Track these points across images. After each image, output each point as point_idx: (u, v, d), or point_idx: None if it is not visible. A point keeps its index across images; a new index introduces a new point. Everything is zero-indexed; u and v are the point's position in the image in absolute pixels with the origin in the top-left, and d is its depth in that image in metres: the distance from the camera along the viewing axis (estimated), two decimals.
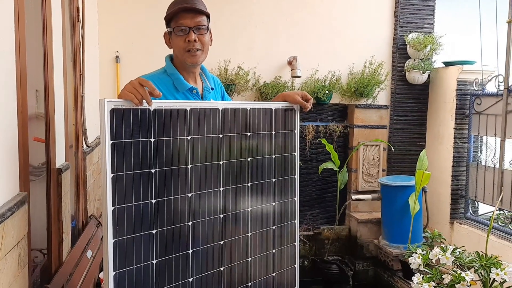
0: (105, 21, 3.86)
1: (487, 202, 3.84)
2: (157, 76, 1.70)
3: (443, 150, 4.20)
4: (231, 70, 4.06)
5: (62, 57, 2.49)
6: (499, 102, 3.62)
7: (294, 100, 1.83)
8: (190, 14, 1.65)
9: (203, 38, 1.69)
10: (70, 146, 2.64)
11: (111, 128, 1.34)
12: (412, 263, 2.58)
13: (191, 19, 1.65)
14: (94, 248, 2.81)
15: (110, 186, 1.35)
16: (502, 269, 2.26)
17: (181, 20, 1.65)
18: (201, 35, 1.68)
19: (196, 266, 1.60)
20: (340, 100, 4.41)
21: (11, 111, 1.65)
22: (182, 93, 1.73)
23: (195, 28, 1.66)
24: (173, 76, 1.72)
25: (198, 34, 1.67)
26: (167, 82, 1.71)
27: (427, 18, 4.42)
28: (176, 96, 1.70)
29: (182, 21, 1.65)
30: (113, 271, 1.38)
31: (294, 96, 1.82)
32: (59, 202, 2.24)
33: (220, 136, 1.64)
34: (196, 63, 1.71)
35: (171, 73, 1.73)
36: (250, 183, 1.75)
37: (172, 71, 1.72)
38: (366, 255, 4.30)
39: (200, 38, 1.67)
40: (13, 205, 1.54)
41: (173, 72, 1.72)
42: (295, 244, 1.97)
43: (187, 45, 1.66)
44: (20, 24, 1.68)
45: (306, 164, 4.38)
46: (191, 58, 1.68)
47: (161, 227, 1.49)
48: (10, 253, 1.53)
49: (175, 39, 1.68)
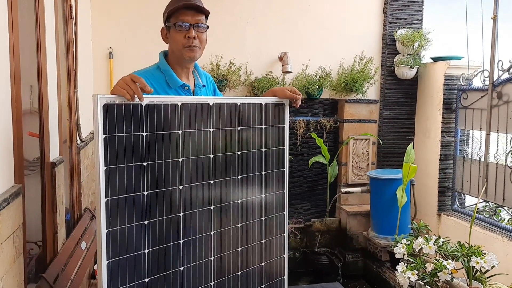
0: (98, 18, 3.89)
1: (473, 194, 3.94)
2: (150, 72, 1.75)
3: (430, 143, 4.29)
4: (223, 65, 4.11)
5: (56, 54, 2.53)
6: (485, 96, 3.70)
7: (283, 95, 1.88)
8: (192, 11, 1.71)
9: (202, 36, 1.74)
10: (64, 140, 2.68)
11: (104, 122, 1.39)
12: (397, 252, 2.64)
13: (192, 17, 1.71)
14: (88, 240, 2.87)
15: (103, 178, 1.40)
16: (482, 258, 2.35)
17: (182, 17, 1.70)
18: (200, 33, 1.73)
19: (187, 256, 1.65)
20: (331, 95, 4.48)
21: (5, 107, 1.69)
22: (174, 89, 1.77)
23: (195, 25, 1.71)
24: (166, 72, 1.76)
25: (198, 32, 1.72)
26: (160, 79, 1.75)
27: (416, 14, 4.49)
28: (168, 93, 1.75)
29: (183, 17, 1.70)
30: (107, 260, 1.44)
31: (284, 91, 1.87)
32: (53, 195, 2.28)
33: (210, 130, 1.69)
34: (193, 58, 1.75)
35: (164, 69, 1.77)
36: (240, 175, 1.81)
37: (165, 68, 1.77)
38: (355, 246, 4.39)
39: (199, 36, 1.73)
40: (8, 196, 1.59)
41: (166, 69, 1.76)
42: (284, 234, 2.03)
43: (187, 41, 1.71)
44: (13, 21, 1.72)
45: (297, 158, 4.45)
46: (189, 53, 1.73)
47: (153, 218, 1.54)
48: (5, 242, 1.58)
49: (175, 34, 1.72)
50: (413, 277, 2.38)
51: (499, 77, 3.55)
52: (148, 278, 1.54)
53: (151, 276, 1.55)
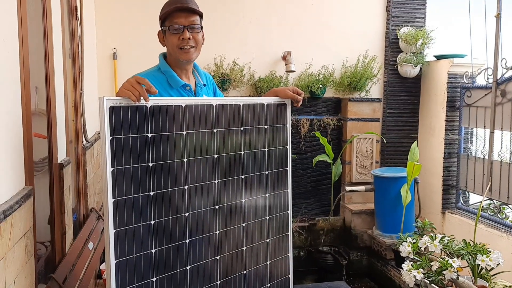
0: (102, 19, 3.92)
1: (477, 192, 3.94)
2: (151, 74, 1.78)
3: (434, 142, 4.29)
4: (226, 65, 4.13)
5: (62, 55, 2.55)
6: (488, 94, 3.70)
7: (285, 95, 1.90)
8: (184, 13, 1.73)
9: (197, 36, 1.77)
10: (70, 141, 2.71)
11: (110, 124, 1.42)
12: (402, 251, 2.65)
13: (185, 18, 1.73)
14: (95, 240, 2.89)
15: (110, 179, 1.43)
16: (487, 256, 2.35)
17: (176, 19, 1.73)
18: (195, 33, 1.76)
19: (193, 255, 1.68)
20: (334, 94, 4.49)
21: (16, 109, 1.70)
22: (176, 89, 1.80)
23: (189, 27, 1.74)
24: (167, 73, 1.80)
25: (192, 33, 1.75)
26: (162, 80, 1.78)
27: (419, 12, 4.49)
28: (170, 93, 1.78)
29: (176, 20, 1.73)
30: (115, 260, 1.46)
31: (285, 91, 1.90)
32: (62, 196, 2.30)
33: (214, 131, 1.71)
34: (189, 59, 1.79)
35: (165, 70, 1.80)
36: (244, 175, 1.83)
37: (166, 69, 1.80)
38: (360, 245, 4.40)
39: (194, 36, 1.76)
40: (20, 198, 1.60)
41: (167, 70, 1.80)
42: (288, 233, 2.05)
43: (181, 42, 1.74)
44: (23, 26, 1.74)
45: (301, 157, 4.47)
46: (184, 55, 1.76)
47: (159, 218, 1.57)
48: (18, 244, 1.59)
49: (170, 37, 1.76)
50: (418, 276, 2.39)
51: (503, 75, 3.55)
52: (155, 277, 1.57)
53: (158, 276, 1.58)
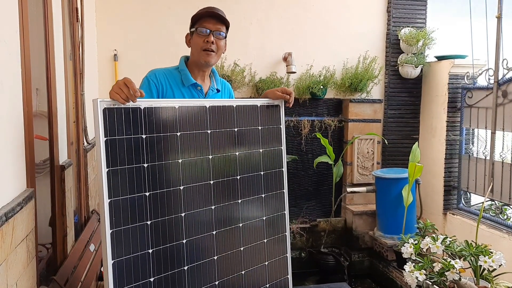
0: (102, 21, 3.94)
1: (478, 193, 3.92)
2: (169, 70, 1.96)
3: (436, 142, 4.28)
4: (227, 66, 4.14)
5: (63, 57, 2.57)
6: (490, 95, 3.69)
7: (274, 96, 1.99)
8: (214, 20, 1.92)
9: (220, 43, 1.94)
10: (71, 143, 2.72)
11: (105, 125, 1.44)
12: (404, 252, 2.64)
13: (213, 24, 1.91)
14: (97, 242, 2.90)
15: (105, 180, 1.44)
16: (490, 257, 2.34)
17: (205, 23, 1.91)
18: (218, 39, 1.93)
19: (191, 255, 1.69)
20: (335, 95, 4.49)
21: (18, 111, 1.71)
22: (187, 87, 1.94)
23: (215, 32, 1.91)
24: (182, 72, 1.96)
25: (216, 38, 1.91)
26: (177, 77, 1.95)
27: (419, 13, 4.48)
28: (181, 90, 1.92)
29: (205, 24, 1.91)
30: (112, 260, 1.48)
31: (274, 92, 2.00)
32: (63, 198, 2.31)
33: (208, 132, 1.73)
34: (208, 62, 1.93)
35: (181, 69, 1.97)
36: (239, 176, 1.84)
37: (182, 68, 1.97)
38: (361, 246, 4.39)
39: (217, 42, 1.92)
40: (21, 200, 1.61)
41: (183, 69, 1.96)
42: (286, 234, 2.06)
43: (205, 45, 1.90)
44: (24, 28, 1.75)
45: (302, 158, 4.47)
46: (205, 57, 1.91)
47: (156, 218, 1.58)
48: (20, 246, 1.60)
49: (196, 38, 1.93)
50: (421, 277, 2.38)
51: (504, 76, 3.54)
52: (153, 277, 1.58)
53: (156, 276, 1.59)
